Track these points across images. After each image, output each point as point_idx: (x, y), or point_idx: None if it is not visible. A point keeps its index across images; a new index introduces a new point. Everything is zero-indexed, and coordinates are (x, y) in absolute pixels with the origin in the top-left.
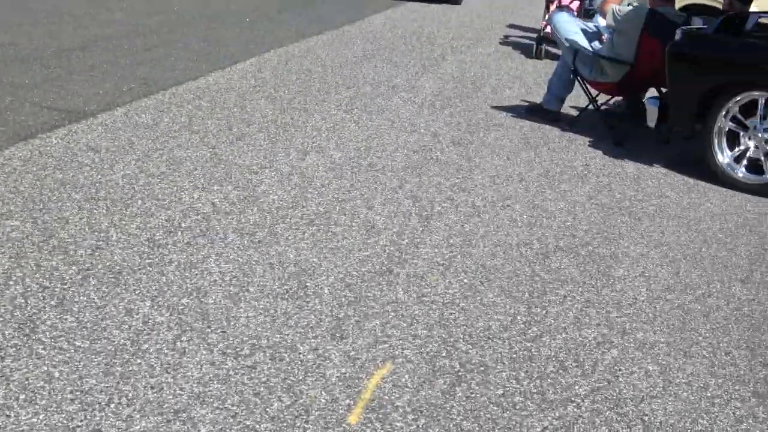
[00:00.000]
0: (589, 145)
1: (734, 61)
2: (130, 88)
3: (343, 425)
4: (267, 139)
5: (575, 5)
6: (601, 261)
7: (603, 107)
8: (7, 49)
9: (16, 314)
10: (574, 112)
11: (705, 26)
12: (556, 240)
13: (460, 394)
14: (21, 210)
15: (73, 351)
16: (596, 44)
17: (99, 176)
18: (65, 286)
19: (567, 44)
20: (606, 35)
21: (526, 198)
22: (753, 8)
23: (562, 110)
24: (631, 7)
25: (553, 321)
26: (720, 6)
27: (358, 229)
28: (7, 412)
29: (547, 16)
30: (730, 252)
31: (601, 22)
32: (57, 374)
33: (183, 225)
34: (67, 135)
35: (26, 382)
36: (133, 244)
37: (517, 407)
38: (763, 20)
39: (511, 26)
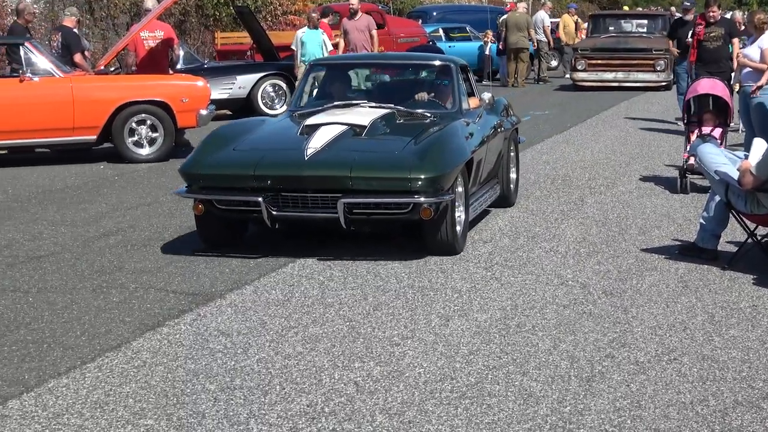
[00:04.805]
0: (753, 284)
1: None
2: (257, 263)
3: None
4: (405, 306)
5: (717, 133)
6: None
7: (764, 240)
8: (128, 233)
9: None
10: (733, 248)
11: None
12: (734, 394)
13: None
14: (154, 407)
15: None
16: None
17: (233, 362)
18: None
19: (717, 177)
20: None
21: (693, 348)
22: None
23: (719, 247)
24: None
25: None
26: None
27: (515, 399)
28: None
29: (688, 147)
30: None
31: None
32: None
33: (326, 410)
34: (195, 320)
35: None
36: None
37: None
38: None
39: (651, 160)
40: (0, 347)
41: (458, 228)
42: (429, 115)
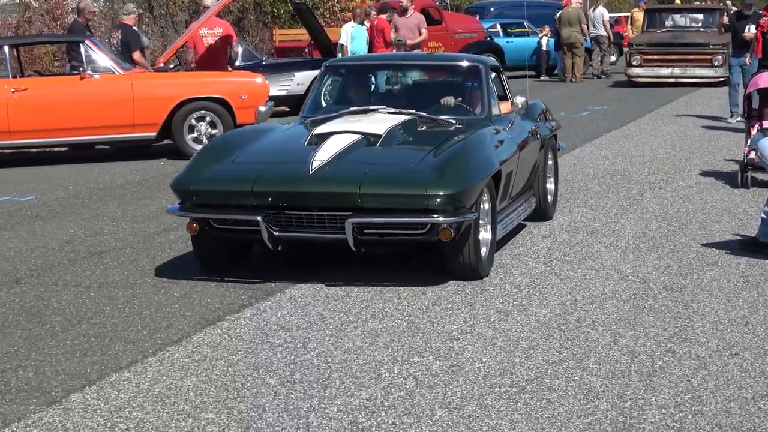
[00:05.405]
0: None
1: None
2: (318, 261)
3: None
4: (464, 301)
5: None
6: None
7: None
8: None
9: None
10: None
11: None
12: None
13: None
14: (215, 400)
15: None
16: None
17: (293, 357)
18: None
19: None
20: None
21: (755, 344)
22: None
23: None
24: None
25: None
26: None
27: (575, 394)
28: None
29: (749, 141)
30: None
31: None
32: None
33: (386, 404)
34: (255, 315)
35: None
36: (335, 429)
37: None
38: None
39: (711, 155)
40: (63, 341)
41: (483, 250)
42: (454, 122)
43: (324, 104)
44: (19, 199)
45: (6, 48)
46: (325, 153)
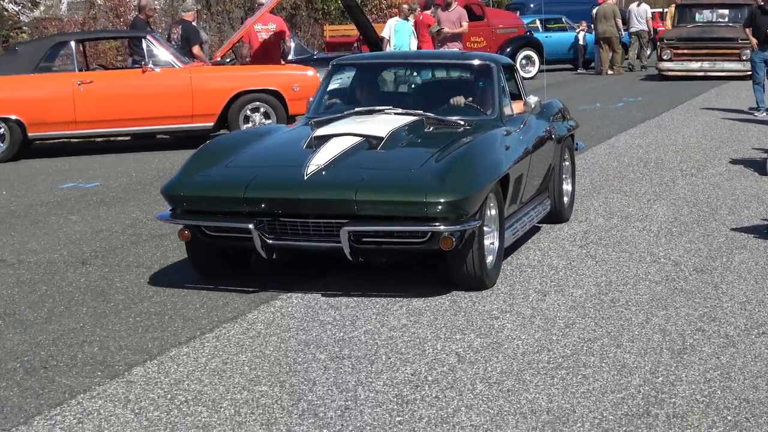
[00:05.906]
0: None
1: None
2: None
3: None
4: (504, 282)
5: None
6: None
7: None
8: None
9: None
10: None
11: None
12: None
13: None
14: (268, 374)
15: None
16: None
17: (341, 333)
18: None
19: None
20: None
21: None
22: None
23: None
24: None
25: None
26: None
27: (609, 370)
28: None
29: None
30: None
31: None
32: None
33: (429, 378)
34: (307, 294)
35: None
36: (381, 401)
37: None
38: None
39: (740, 144)
40: (125, 318)
41: (489, 258)
42: (462, 123)
43: (330, 104)
44: (84, 185)
45: (72, 43)
46: (322, 157)
